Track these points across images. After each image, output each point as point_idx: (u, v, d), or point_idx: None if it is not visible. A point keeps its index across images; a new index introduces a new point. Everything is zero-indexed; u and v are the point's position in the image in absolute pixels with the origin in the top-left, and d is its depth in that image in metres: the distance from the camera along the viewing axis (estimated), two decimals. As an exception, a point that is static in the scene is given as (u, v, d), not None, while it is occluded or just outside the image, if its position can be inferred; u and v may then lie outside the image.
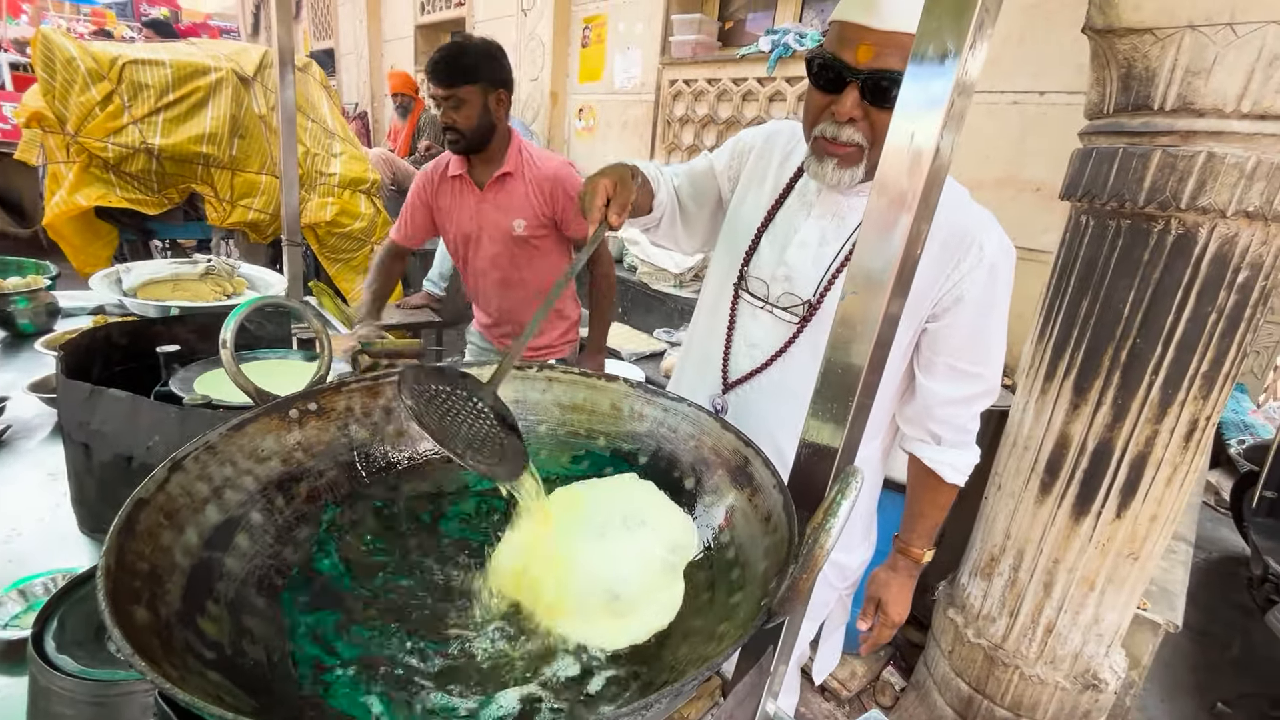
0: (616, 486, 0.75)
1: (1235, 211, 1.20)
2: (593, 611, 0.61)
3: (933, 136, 0.52)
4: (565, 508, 0.71)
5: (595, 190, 0.83)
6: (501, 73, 1.74)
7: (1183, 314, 1.30)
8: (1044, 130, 2.05)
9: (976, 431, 1.05)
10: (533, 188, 1.79)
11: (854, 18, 0.82)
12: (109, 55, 2.82)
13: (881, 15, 0.80)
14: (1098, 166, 1.35)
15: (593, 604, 0.62)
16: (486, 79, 1.69)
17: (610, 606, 0.62)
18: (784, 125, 1.12)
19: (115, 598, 0.40)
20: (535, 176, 1.79)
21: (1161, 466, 1.40)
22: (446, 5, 5.39)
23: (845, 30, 0.84)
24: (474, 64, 1.68)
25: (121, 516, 0.47)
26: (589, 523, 0.69)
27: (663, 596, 0.64)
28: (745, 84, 3.06)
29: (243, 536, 0.58)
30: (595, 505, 0.72)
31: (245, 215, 3.30)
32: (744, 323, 1.08)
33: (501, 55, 1.76)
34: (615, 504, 0.72)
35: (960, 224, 0.92)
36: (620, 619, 0.61)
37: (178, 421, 0.87)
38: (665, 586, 0.64)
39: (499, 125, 1.76)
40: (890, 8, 0.80)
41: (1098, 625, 1.56)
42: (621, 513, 0.70)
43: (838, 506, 0.42)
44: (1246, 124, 1.16)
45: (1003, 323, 0.99)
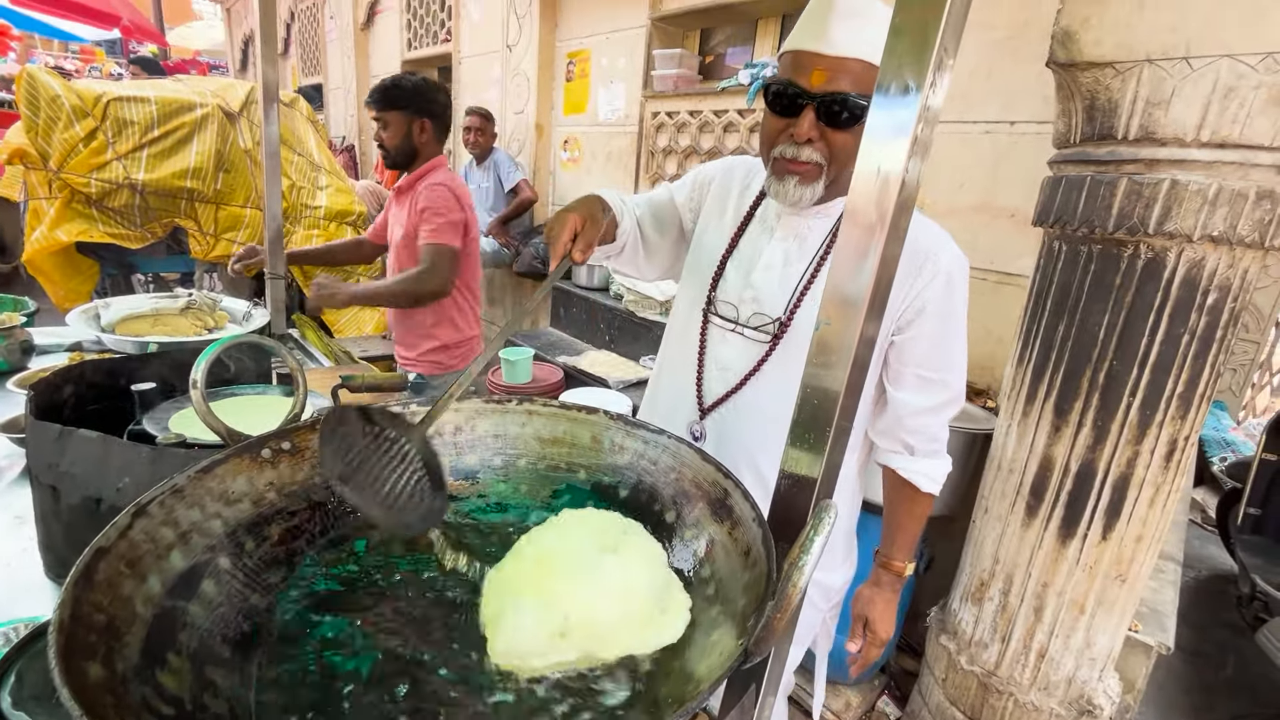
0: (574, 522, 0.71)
1: (1201, 236, 1.23)
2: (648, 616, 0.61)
3: (900, 165, 0.53)
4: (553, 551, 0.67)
5: (564, 224, 0.85)
6: (427, 105, 2.03)
7: (1156, 336, 1.32)
8: (1016, 158, 2.11)
9: (946, 440, 1.08)
10: (414, 201, 2.03)
11: (807, 46, 0.89)
12: (93, 93, 2.84)
13: (832, 43, 0.87)
14: (1067, 194, 1.38)
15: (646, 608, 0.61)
16: (412, 108, 2.00)
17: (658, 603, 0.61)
18: (740, 159, 1.19)
19: (67, 654, 0.39)
20: (418, 194, 2.02)
21: (1144, 487, 1.41)
22: (433, 41, 5.48)
23: (799, 58, 0.90)
24: (403, 95, 1.99)
25: (79, 566, 0.45)
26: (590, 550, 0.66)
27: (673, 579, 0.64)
28: (726, 115, 3.12)
29: (209, 583, 0.56)
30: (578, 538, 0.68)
31: (229, 248, 3.29)
32: (714, 346, 1.10)
33: (432, 92, 2.05)
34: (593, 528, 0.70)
35: (916, 240, 0.95)
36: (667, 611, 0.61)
37: (149, 462, 0.85)
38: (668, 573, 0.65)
39: (420, 150, 2.06)
40: (839, 36, 0.86)
41: (1090, 649, 1.55)
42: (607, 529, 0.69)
43: (811, 543, 0.42)
44: (1206, 152, 1.20)
45: (962, 331, 1.03)
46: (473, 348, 2.25)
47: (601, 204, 0.99)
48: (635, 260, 1.18)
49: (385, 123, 2.01)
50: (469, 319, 2.22)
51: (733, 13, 3.23)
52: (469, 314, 2.22)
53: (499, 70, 4.54)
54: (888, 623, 1.10)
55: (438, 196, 1.97)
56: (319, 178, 3.57)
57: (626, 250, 1.14)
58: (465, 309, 2.20)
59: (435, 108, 2.05)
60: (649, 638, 0.59)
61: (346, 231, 3.62)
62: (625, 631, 0.59)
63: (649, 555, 0.66)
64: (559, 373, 2.95)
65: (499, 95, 4.57)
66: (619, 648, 0.58)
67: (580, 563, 0.64)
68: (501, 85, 4.54)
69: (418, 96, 2.01)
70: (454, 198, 2.00)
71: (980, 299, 2.18)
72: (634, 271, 1.21)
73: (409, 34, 5.81)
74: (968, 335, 1.05)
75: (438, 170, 2.08)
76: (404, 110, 1.99)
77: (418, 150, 2.05)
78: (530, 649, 0.57)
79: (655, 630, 0.60)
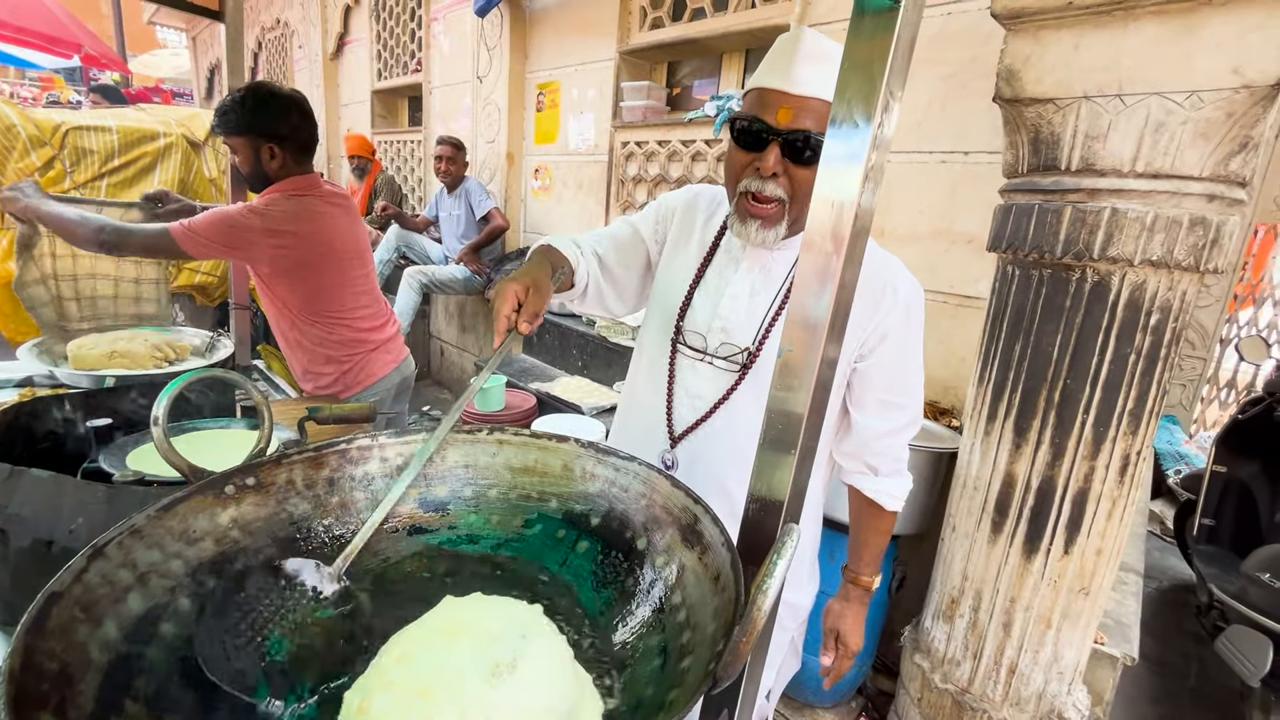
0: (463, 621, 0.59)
1: (1141, 260, 1.30)
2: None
3: (854, 193, 0.57)
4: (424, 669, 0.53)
5: (504, 296, 0.83)
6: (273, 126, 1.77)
7: (1105, 355, 1.38)
8: (971, 186, 2.20)
9: (907, 459, 1.12)
10: None
11: (773, 84, 0.93)
12: (52, 122, 2.78)
13: (797, 82, 0.90)
14: (1018, 221, 1.45)
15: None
16: (255, 131, 1.76)
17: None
18: (704, 189, 1.21)
19: (18, 705, 0.37)
20: None
21: (1101, 501, 1.45)
22: (404, 71, 5.52)
23: (765, 95, 0.93)
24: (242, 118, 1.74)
25: (31, 614, 0.44)
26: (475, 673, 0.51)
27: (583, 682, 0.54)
28: (694, 145, 3.20)
29: (169, 625, 0.55)
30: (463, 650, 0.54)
31: (191, 278, 3.22)
32: (684, 375, 1.12)
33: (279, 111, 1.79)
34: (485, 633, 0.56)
35: (874, 270, 0.99)
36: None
37: (105, 501, 0.83)
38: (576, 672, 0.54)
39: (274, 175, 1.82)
40: (804, 76, 0.90)
41: (1058, 663, 1.58)
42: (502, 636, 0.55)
43: (774, 567, 0.43)
44: (1142, 182, 1.27)
45: (919, 356, 1.08)
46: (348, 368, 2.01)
47: (550, 260, 0.99)
48: (601, 299, 1.18)
49: (233, 147, 1.79)
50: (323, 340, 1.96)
51: (698, 46, 3.33)
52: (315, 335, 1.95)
53: (470, 100, 4.59)
54: (858, 635, 1.12)
55: (226, 211, 1.75)
56: (286, 206, 3.53)
57: (590, 292, 1.15)
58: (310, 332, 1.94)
59: (283, 128, 1.79)
60: None
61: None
62: None
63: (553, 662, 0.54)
64: (531, 399, 2.94)
65: (470, 124, 4.61)
66: None
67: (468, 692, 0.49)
68: (472, 114, 4.58)
69: (260, 119, 1.75)
70: (236, 221, 1.73)
71: (941, 321, 2.26)
72: (601, 311, 1.21)
73: (379, 64, 5.85)
74: (931, 356, 1.09)
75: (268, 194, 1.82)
76: (247, 135, 1.76)
77: (270, 176, 1.82)
78: None
79: None
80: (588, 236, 1.18)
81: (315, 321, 1.93)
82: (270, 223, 1.75)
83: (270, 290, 1.89)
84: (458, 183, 4.17)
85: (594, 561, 0.74)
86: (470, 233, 4.19)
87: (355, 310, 2.00)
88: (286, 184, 1.83)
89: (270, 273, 1.84)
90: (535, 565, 0.75)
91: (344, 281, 1.95)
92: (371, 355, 2.06)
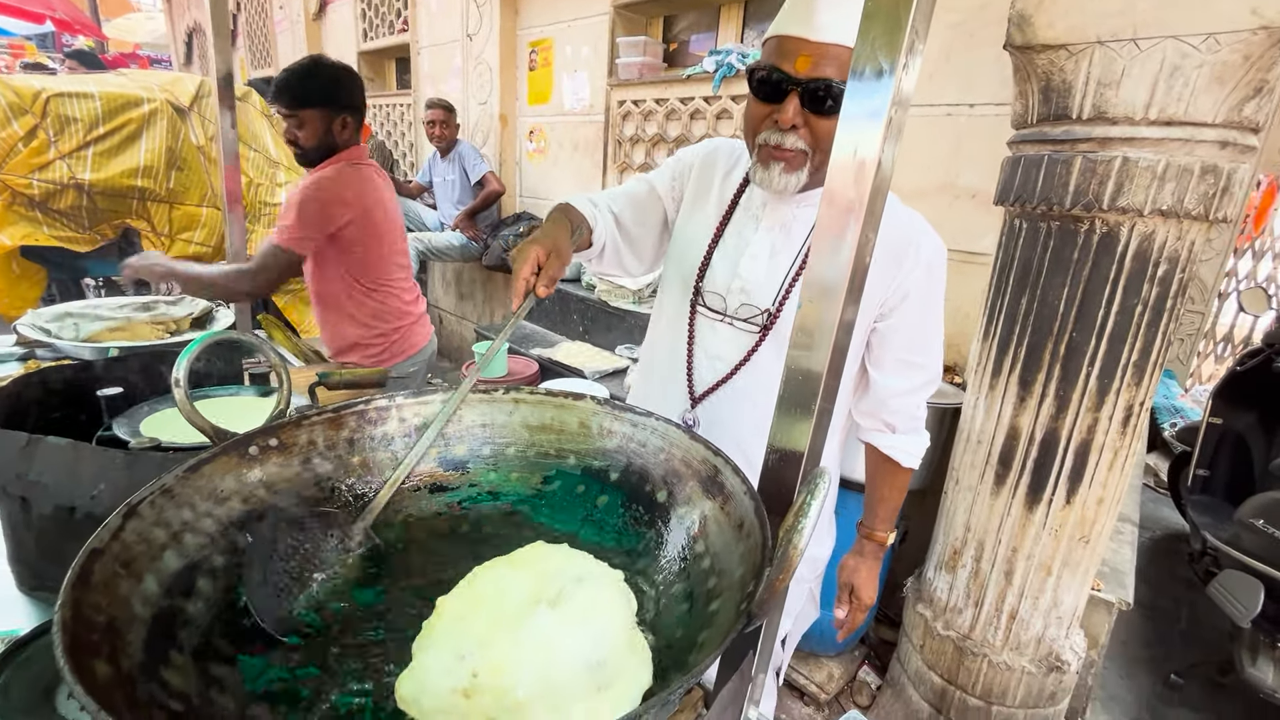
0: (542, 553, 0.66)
1: (1151, 210, 1.29)
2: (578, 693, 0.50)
3: (875, 149, 0.55)
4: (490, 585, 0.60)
5: (525, 258, 0.83)
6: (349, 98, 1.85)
7: (1112, 307, 1.39)
8: (976, 140, 2.17)
9: (924, 418, 1.12)
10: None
11: (792, 31, 0.89)
12: (31, 89, 2.70)
13: (817, 29, 0.87)
14: (1026, 173, 1.43)
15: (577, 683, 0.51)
16: (333, 104, 1.81)
17: (596, 680, 0.51)
18: (722, 143, 1.17)
19: (74, 653, 0.38)
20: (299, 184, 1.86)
21: (1104, 452, 1.48)
22: (390, 31, 5.35)
23: (784, 43, 0.89)
24: (321, 90, 1.79)
25: (75, 568, 0.45)
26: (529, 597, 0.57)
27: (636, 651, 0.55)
28: (692, 103, 3.13)
29: (205, 581, 0.56)
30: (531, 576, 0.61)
31: (186, 249, 3.17)
32: (703, 336, 1.11)
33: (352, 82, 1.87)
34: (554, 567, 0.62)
35: (896, 229, 0.98)
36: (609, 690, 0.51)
37: (124, 467, 0.83)
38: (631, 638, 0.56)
39: (341, 146, 1.87)
40: (825, 22, 0.86)
41: (1057, 609, 1.63)
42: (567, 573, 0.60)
43: (808, 507, 0.43)
44: (1155, 130, 1.26)
45: (940, 315, 1.07)
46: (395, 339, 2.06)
47: (569, 219, 0.97)
48: (619, 259, 1.16)
49: (300, 121, 1.79)
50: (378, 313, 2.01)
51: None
52: (370, 307, 1.99)
53: (460, 60, 4.46)
54: (871, 588, 1.14)
55: (301, 197, 1.78)
56: (277, 174, 3.46)
57: (607, 252, 1.13)
58: (366, 304, 1.98)
59: (356, 99, 1.86)
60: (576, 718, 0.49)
61: (308, 228, 3.52)
62: (542, 707, 0.49)
63: (599, 614, 0.56)
64: (534, 365, 2.94)
65: (461, 86, 4.50)
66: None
67: (506, 611, 0.55)
68: (463, 75, 4.46)
69: (337, 90, 1.81)
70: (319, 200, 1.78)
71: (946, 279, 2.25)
72: (619, 271, 1.19)
73: (364, 24, 5.66)
74: (936, 315, 1.08)
75: (331, 165, 1.86)
76: (322, 107, 1.79)
77: (338, 147, 1.86)
78: (432, 704, 0.50)
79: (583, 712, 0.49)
80: (604, 195, 1.15)
81: (371, 292, 1.97)
82: (349, 192, 1.81)
83: (333, 262, 1.90)
84: (451, 146, 4.09)
85: (615, 515, 0.75)
86: (465, 198, 4.13)
87: (402, 282, 2.06)
88: (348, 154, 1.87)
89: (341, 243, 1.86)
90: (558, 519, 0.77)
91: (394, 252, 2.00)
92: (414, 327, 2.12)
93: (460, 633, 0.54)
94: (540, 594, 0.56)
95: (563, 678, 0.51)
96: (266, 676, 0.52)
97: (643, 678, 0.52)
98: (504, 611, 0.55)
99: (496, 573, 0.61)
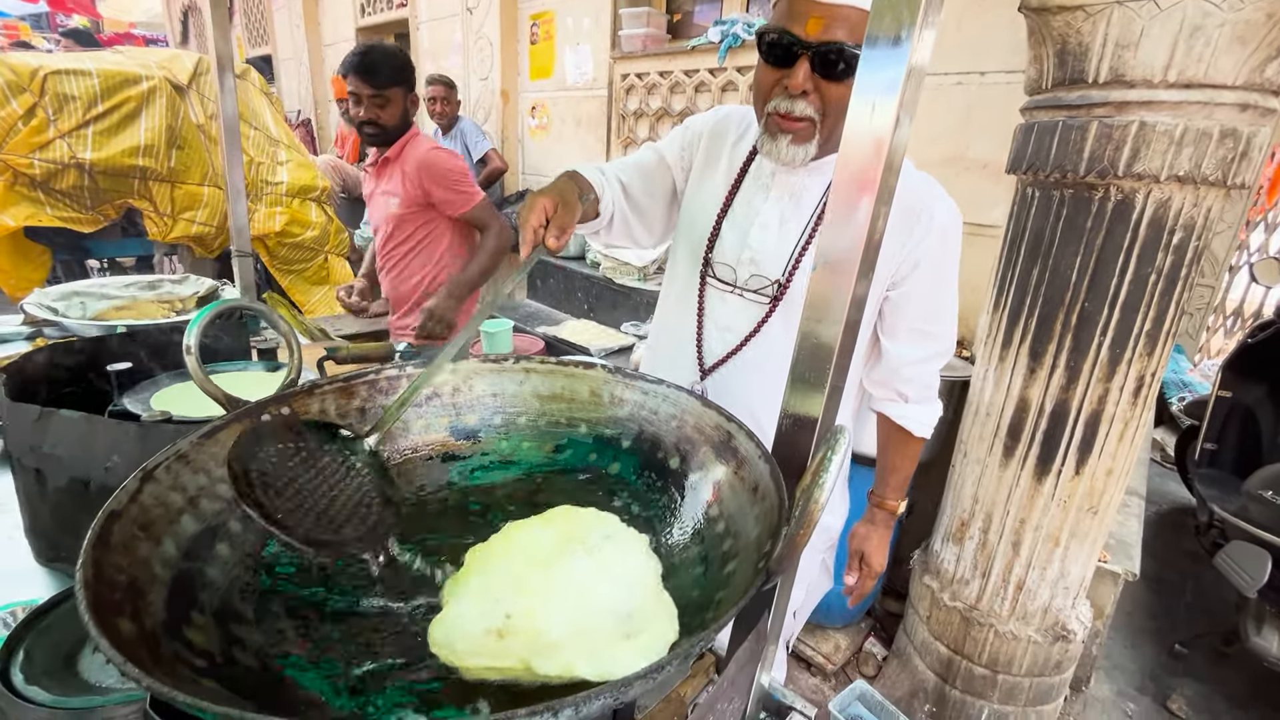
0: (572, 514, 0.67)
1: (1168, 176, 1.26)
2: (608, 639, 0.52)
3: (889, 121, 0.54)
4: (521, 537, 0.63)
5: (533, 209, 0.80)
6: (412, 77, 2.03)
7: (1125, 276, 1.37)
8: (987, 109, 2.13)
9: (938, 387, 1.11)
10: (405, 169, 1.99)
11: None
12: (29, 67, 2.67)
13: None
14: (1040, 140, 1.41)
15: (607, 629, 0.52)
16: (407, 83, 1.97)
17: (624, 628, 0.53)
18: (733, 109, 1.14)
19: (98, 610, 0.38)
20: (408, 159, 1.99)
21: (1114, 423, 1.47)
22: (388, 6, 5.26)
23: (795, 5, 0.87)
24: (401, 70, 1.94)
25: (94, 529, 0.45)
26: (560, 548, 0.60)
27: (664, 608, 0.56)
28: (697, 75, 3.08)
29: (223, 545, 0.56)
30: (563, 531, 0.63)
31: (189, 229, 3.16)
32: (713, 308, 1.10)
33: (410, 62, 2.05)
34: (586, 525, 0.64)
35: (910, 195, 0.96)
36: (635, 639, 0.52)
37: (137, 439, 0.83)
38: (659, 596, 0.57)
39: (411, 124, 2.04)
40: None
41: (1064, 579, 1.63)
42: (597, 531, 0.63)
43: (828, 463, 0.43)
44: (1174, 93, 1.23)
45: (954, 283, 1.05)
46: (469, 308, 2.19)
47: (577, 184, 0.94)
48: (628, 230, 1.14)
49: (386, 100, 1.92)
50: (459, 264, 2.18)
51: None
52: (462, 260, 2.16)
53: (460, 35, 4.39)
54: (881, 556, 1.15)
55: (446, 161, 1.98)
56: (278, 152, 3.43)
57: (615, 222, 1.11)
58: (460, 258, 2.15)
59: (414, 78, 2.03)
60: (601, 662, 0.49)
61: (310, 207, 3.50)
62: (573, 648, 0.50)
63: (629, 568, 0.58)
64: (539, 343, 2.94)
65: (461, 61, 4.43)
66: (561, 666, 0.49)
67: (539, 558, 0.57)
68: (463, 51, 4.40)
69: (409, 70, 1.98)
70: (455, 157, 2.03)
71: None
72: (628, 242, 1.17)
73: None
74: (948, 287, 1.06)
75: (420, 137, 2.04)
76: (403, 86, 1.95)
77: (410, 125, 2.03)
78: (465, 646, 0.51)
79: (610, 656, 0.50)
80: (611, 165, 1.13)
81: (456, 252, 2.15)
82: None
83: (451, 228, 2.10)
84: (452, 124, 4.04)
85: (627, 483, 0.75)
86: (467, 176, 4.09)
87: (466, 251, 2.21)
88: (422, 136, 2.05)
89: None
90: (571, 487, 0.77)
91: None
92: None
93: (494, 577, 0.56)
94: (580, 543, 0.59)
95: (594, 623, 0.52)
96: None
97: (669, 633, 0.52)
98: (537, 558, 0.57)
99: (529, 527, 0.63)
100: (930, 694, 1.86)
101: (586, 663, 0.49)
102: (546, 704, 0.33)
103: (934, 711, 1.85)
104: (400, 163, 2.00)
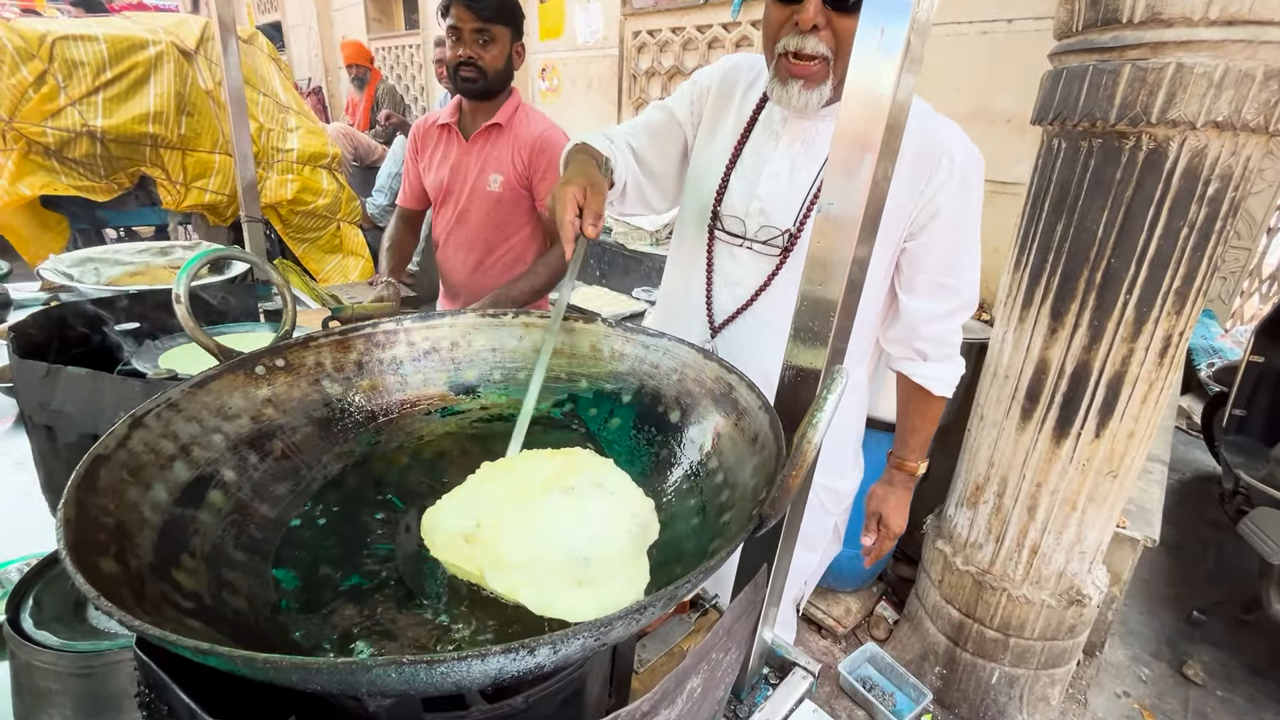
0: (579, 456, 0.69)
1: (1205, 122, 1.19)
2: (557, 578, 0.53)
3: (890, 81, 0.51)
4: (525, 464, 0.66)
5: (565, 201, 0.78)
6: (522, 25, 1.72)
7: (1155, 231, 1.31)
8: (1013, 59, 2.03)
9: (959, 344, 1.06)
10: (518, 145, 1.71)
11: None
12: (36, 32, 2.66)
13: None
14: (1068, 87, 1.34)
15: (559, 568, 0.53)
16: (515, 26, 1.67)
17: (577, 573, 0.53)
18: (742, 58, 1.09)
19: (77, 548, 0.38)
20: (523, 134, 1.71)
21: (1138, 384, 1.42)
22: (395, -32, 5.16)
23: None
24: (513, 8, 1.65)
25: (79, 472, 0.45)
26: (553, 480, 0.62)
27: (630, 570, 0.55)
28: (710, 31, 2.98)
29: (216, 493, 0.56)
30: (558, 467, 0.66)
31: (201, 197, 3.17)
32: (722, 263, 1.07)
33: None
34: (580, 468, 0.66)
35: (928, 137, 0.91)
36: (587, 588, 0.52)
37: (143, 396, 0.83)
38: (632, 559, 0.56)
39: (511, 78, 1.74)
40: None
41: (1080, 544, 1.61)
42: (589, 475, 0.64)
43: (824, 401, 0.41)
44: (1215, 31, 1.15)
45: (976, 233, 1.00)
46: None
47: (594, 160, 0.92)
48: (642, 196, 1.11)
49: (491, 37, 1.61)
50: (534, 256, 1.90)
51: (713, -83, 3.03)
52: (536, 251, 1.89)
53: (468, -5, 4.29)
54: (900, 517, 1.13)
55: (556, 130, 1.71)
56: (288, 119, 3.40)
57: (629, 190, 1.08)
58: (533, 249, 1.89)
59: (523, 25, 1.74)
60: (545, 597, 0.51)
61: (321, 175, 3.49)
62: (521, 574, 0.52)
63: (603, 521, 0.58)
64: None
65: (470, 23, 4.34)
66: (507, 587, 0.51)
67: (523, 486, 0.62)
68: (472, 12, 4.30)
69: (519, 13, 1.69)
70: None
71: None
72: (643, 209, 1.14)
73: (369, -40, 5.46)
74: (970, 243, 1.01)
75: (530, 108, 1.76)
76: (511, 27, 1.65)
77: (511, 80, 1.74)
78: (441, 539, 0.57)
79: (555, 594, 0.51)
80: (619, 130, 1.09)
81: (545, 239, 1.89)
82: None
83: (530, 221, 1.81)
84: (463, 87, 3.97)
85: (628, 436, 0.74)
86: (478, 142, 4.03)
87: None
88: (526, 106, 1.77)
89: None
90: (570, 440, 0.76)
91: None
92: None
93: (485, 489, 0.62)
94: (559, 482, 0.62)
95: (548, 557, 0.55)
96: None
97: (625, 597, 0.51)
98: (524, 484, 0.62)
99: (537, 457, 0.68)
100: (941, 656, 1.86)
101: (530, 591, 0.51)
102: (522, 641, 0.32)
103: (944, 674, 1.85)
104: (510, 134, 1.71)
